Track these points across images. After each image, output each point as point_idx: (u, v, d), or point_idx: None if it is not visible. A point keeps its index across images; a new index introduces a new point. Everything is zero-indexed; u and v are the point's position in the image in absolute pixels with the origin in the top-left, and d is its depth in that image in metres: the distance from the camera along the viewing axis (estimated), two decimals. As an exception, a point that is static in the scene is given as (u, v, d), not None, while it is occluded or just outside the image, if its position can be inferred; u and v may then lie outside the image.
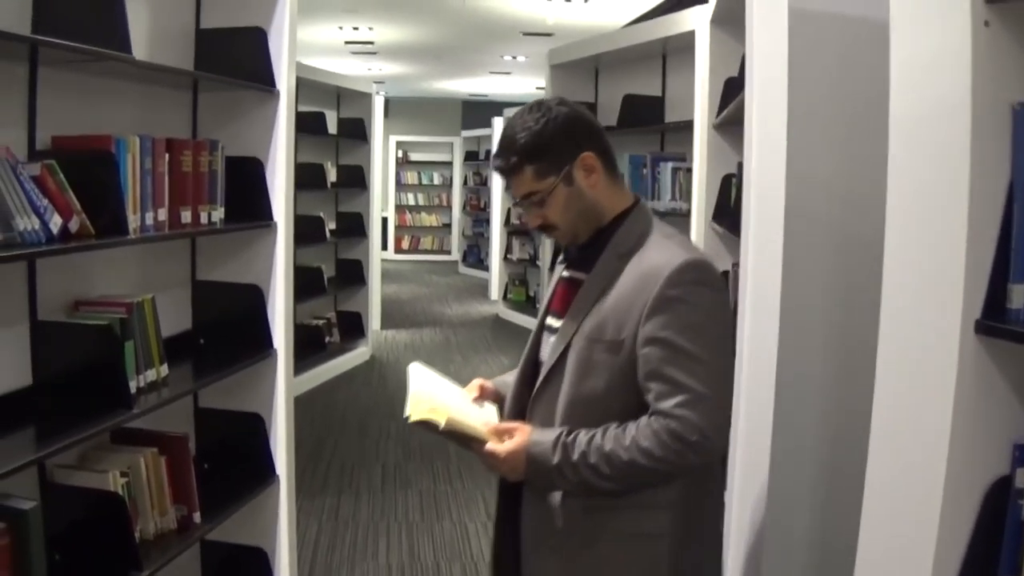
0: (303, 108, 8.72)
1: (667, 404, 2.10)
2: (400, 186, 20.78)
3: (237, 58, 3.74)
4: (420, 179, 20.88)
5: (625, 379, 2.18)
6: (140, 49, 3.23)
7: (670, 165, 5.97)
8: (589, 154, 2.26)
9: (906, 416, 1.81)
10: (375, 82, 12.27)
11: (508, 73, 15.25)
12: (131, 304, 3.17)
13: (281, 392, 3.87)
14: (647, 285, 2.15)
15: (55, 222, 2.68)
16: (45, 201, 2.66)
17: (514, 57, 13.39)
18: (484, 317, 13.64)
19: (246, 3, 3.79)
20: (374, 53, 13.64)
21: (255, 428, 3.89)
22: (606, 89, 7.28)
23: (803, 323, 3.14)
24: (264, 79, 3.76)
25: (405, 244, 20.93)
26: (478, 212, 18.03)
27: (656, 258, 2.19)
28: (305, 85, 8.60)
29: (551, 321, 2.37)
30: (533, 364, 2.41)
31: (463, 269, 18.69)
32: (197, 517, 3.41)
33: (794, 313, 3.02)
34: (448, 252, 20.54)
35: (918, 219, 1.77)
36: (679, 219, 5.69)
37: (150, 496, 3.24)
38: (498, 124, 14.49)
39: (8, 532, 2.58)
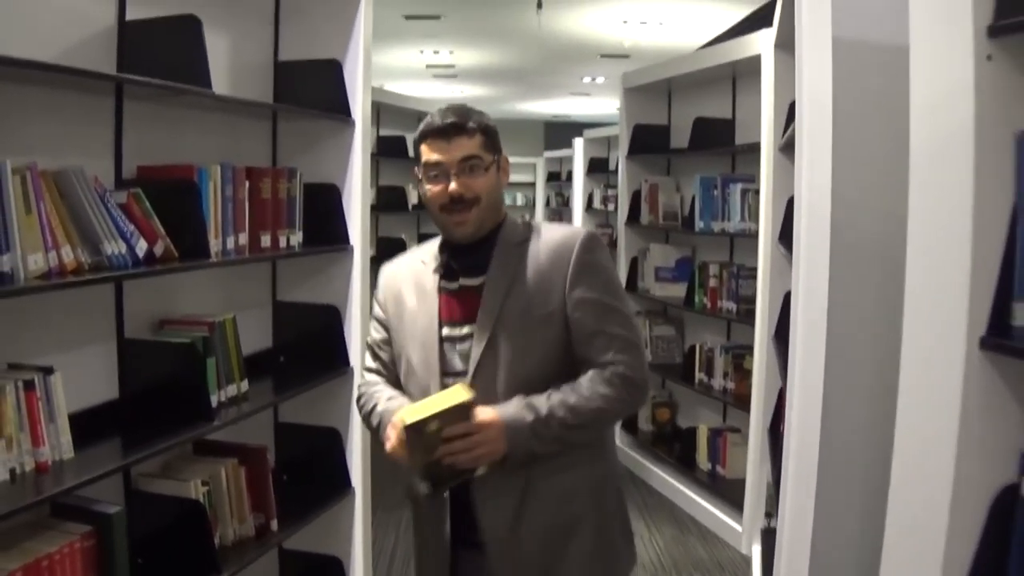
0: (385, 132, 8.93)
1: (610, 355, 2.36)
2: (482, 208, 20.95)
3: (314, 89, 3.94)
4: (504, 200, 21.10)
5: (560, 345, 2.38)
6: (221, 82, 3.44)
7: (739, 187, 6.05)
8: (507, 160, 2.52)
9: (920, 429, 1.92)
10: None
11: (588, 95, 15.41)
12: (213, 323, 3.36)
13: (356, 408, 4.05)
14: (561, 258, 2.38)
15: (140, 246, 2.88)
16: (131, 227, 2.86)
17: (593, 79, 13.55)
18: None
19: (322, 36, 4.00)
20: (455, 76, 13.88)
21: (332, 441, 4.08)
22: (678, 111, 7.35)
23: (848, 346, 3.24)
24: (340, 109, 3.95)
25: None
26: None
27: (558, 235, 2.44)
28: (386, 110, 8.81)
29: (449, 332, 2.47)
30: (441, 376, 2.46)
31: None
32: (275, 525, 3.60)
33: (840, 337, 3.12)
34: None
35: (931, 241, 1.89)
36: (748, 240, 5.77)
37: (229, 504, 3.43)
38: (579, 144, 14.61)
39: (94, 535, 2.76)
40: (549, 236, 2.44)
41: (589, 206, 12.16)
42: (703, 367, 6.52)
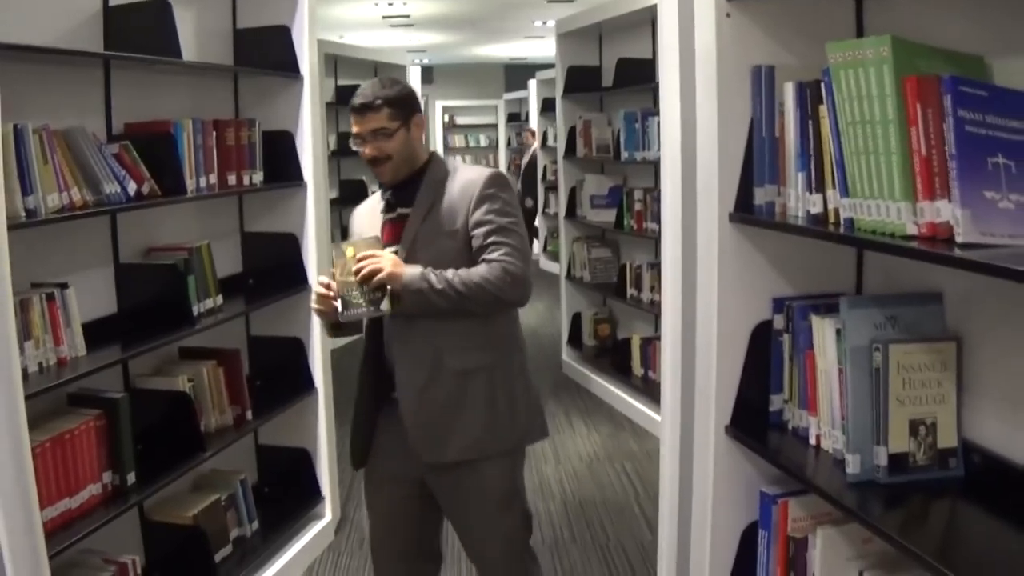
0: (343, 82, 9.58)
1: (497, 254, 3.00)
2: (448, 149, 21.62)
3: (268, 51, 4.63)
4: (467, 142, 21.71)
5: (462, 256, 3.06)
6: (189, 49, 4.13)
7: (657, 120, 6.73)
8: (420, 116, 3.19)
9: (696, 283, 2.75)
10: (417, 51, 12.96)
11: (541, 37, 15.90)
12: (191, 249, 4.07)
13: (316, 320, 4.75)
14: (468, 190, 3.08)
15: (131, 187, 3.59)
16: (123, 172, 3.57)
17: (544, 22, 14.06)
18: (526, 268, 14.51)
19: (273, 6, 4.68)
20: (411, 25, 14.36)
21: (296, 349, 4.82)
22: (608, 53, 8.01)
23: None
24: (290, 67, 4.65)
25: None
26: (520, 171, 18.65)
27: (470, 174, 3.15)
28: (343, 62, 9.44)
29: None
30: None
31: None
32: (249, 415, 4.34)
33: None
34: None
35: (693, 144, 2.76)
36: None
37: (211, 397, 4.16)
38: (533, 86, 15.23)
39: (104, 416, 3.46)
40: (464, 174, 3.16)
41: (544, 143, 12.78)
42: (633, 283, 7.24)
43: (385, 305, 2.97)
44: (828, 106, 2.20)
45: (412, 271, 2.96)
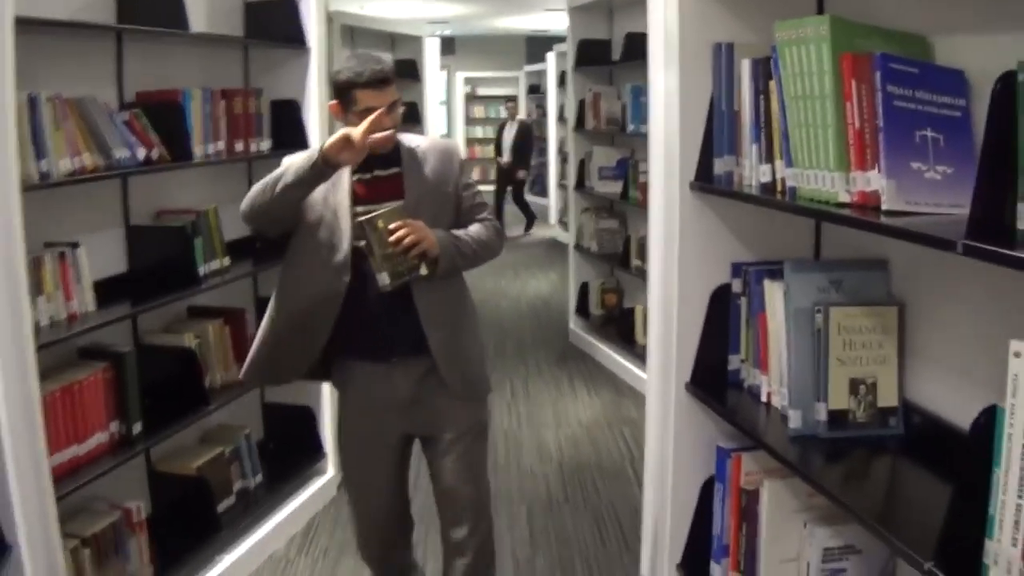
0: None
1: (484, 215, 3.37)
2: (469, 120, 21.78)
3: (276, 23, 4.80)
4: (488, 113, 21.80)
5: (453, 214, 3.31)
6: (200, 21, 4.31)
7: (662, 94, 6.89)
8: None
9: (657, 249, 2.91)
10: (439, 23, 12.98)
11: (561, 10, 15.93)
12: (199, 212, 4.25)
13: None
14: (448, 156, 3.33)
15: (141, 152, 3.77)
16: (134, 138, 3.75)
17: (564, -6, 14.08)
18: (540, 240, 14.76)
19: (282, -22, 4.85)
20: (432, -4, 14.43)
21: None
22: (618, 28, 8.12)
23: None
24: (297, 39, 4.83)
25: (476, 175, 21.84)
26: (541, 143, 18.52)
27: (440, 143, 3.42)
28: (359, 33, 9.59)
29: (364, 208, 3.15)
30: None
31: (529, 197, 19.52)
32: (254, 372, 4.51)
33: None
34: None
35: (660, 119, 2.92)
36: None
37: (217, 355, 4.36)
38: (551, 58, 15.34)
39: (112, 368, 3.66)
40: (432, 143, 3.35)
41: (561, 116, 12.89)
42: (637, 254, 7.37)
43: (424, 270, 3.10)
44: (776, 81, 2.35)
45: (441, 237, 3.15)
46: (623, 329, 7.65)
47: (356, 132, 2.97)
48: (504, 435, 6.32)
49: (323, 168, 3.05)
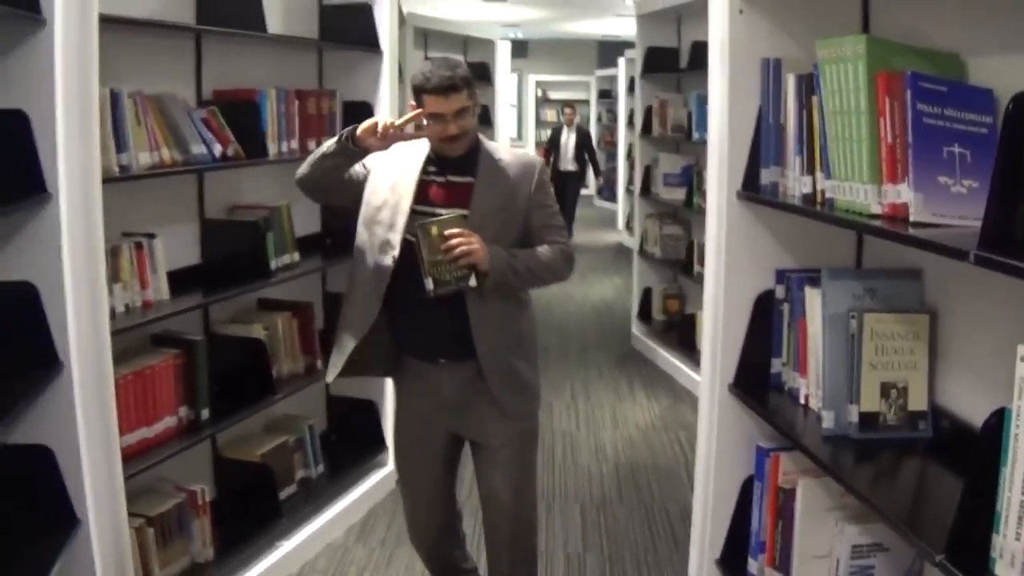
0: (432, 55, 9.87)
1: (555, 237, 3.31)
2: (540, 123, 21.83)
3: (351, 27, 4.97)
4: (559, 117, 21.86)
5: (521, 231, 3.29)
6: (276, 23, 4.48)
7: (727, 103, 6.97)
8: (476, 95, 3.30)
9: (710, 256, 3.03)
10: (511, 26, 13.01)
11: (633, 16, 15.94)
12: (272, 208, 4.42)
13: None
14: (528, 171, 3.29)
15: (217, 149, 3.94)
16: (210, 135, 3.93)
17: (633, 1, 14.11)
18: (608, 245, 14.90)
19: (358, -17, 5.01)
20: (504, 0, 14.51)
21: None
22: (685, 36, 8.17)
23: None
24: (371, 43, 4.99)
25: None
26: (611, 148, 18.57)
27: (522, 157, 3.39)
28: (433, 36, 9.73)
29: (423, 208, 3.24)
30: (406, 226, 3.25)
31: (598, 202, 19.56)
32: (319, 364, 4.67)
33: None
34: (587, 186, 21.39)
35: (714, 130, 3.04)
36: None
37: (285, 345, 4.52)
38: (622, 64, 15.36)
39: (183, 355, 3.83)
40: (514, 157, 3.33)
41: (630, 122, 12.95)
42: (699, 260, 7.43)
43: (473, 281, 3.11)
44: (818, 96, 2.46)
45: (496, 253, 3.14)
46: (684, 334, 7.71)
47: (384, 121, 3.13)
48: (562, 435, 6.43)
49: (347, 145, 3.22)
